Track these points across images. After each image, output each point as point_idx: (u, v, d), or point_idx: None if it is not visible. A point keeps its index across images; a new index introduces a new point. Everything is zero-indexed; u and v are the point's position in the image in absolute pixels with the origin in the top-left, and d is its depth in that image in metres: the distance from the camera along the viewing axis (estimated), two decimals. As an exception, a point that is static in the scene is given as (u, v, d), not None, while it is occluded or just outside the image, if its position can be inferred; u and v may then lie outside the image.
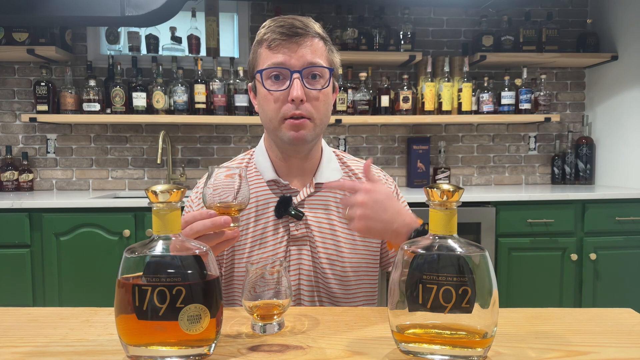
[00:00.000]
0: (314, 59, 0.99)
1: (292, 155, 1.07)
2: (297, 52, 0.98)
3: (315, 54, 1.00)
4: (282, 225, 1.06)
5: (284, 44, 0.98)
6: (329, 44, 1.05)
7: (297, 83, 0.97)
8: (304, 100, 0.98)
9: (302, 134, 1.00)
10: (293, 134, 1.00)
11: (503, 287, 2.48)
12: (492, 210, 2.46)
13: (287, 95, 0.98)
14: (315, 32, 1.01)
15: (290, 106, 0.99)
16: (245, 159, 1.16)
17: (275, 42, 0.98)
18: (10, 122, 2.89)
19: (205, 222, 0.81)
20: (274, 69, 0.99)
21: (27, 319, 0.85)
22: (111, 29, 2.84)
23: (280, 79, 1.00)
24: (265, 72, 1.00)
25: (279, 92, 0.99)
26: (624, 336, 0.77)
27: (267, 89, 1.00)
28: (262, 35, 1.02)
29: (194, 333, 0.64)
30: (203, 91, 2.73)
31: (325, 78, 1.02)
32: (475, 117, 2.87)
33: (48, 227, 2.29)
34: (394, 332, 0.69)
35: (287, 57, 0.98)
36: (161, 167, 2.97)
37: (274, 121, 1.01)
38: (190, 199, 1.13)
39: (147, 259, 0.66)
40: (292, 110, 0.99)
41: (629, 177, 2.82)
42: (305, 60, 0.98)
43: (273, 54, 0.99)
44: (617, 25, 2.92)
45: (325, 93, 1.03)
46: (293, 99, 0.97)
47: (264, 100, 1.02)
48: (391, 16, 2.99)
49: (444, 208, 0.67)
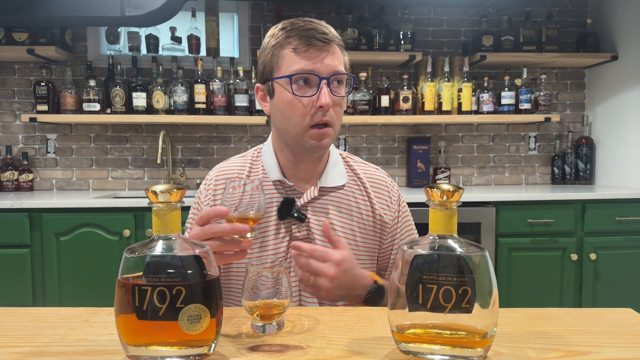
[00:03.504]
0: (339, 67, 1.00)
1: (303, 160, 1.07)
2: (324, 58, 0.98)
3: (340, 62, 1.01)
4: (284, 226, 1.06)
5: (312, 49, 0.97)
6: (343, 50, 1.06)
7: (326, 90, 0.97)
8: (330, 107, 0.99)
9: (324, 142, 1.01)
10: (316, 143, 1.01)
11: (503, 287, 2.48)
12: (492, 210, 2.46)
13: (314, 101, 0.98)
14: (338, 40, 1.02)
15: (318, 112, 0.98)
16: (253, 155, 1.15)
17: (304, 47, 0.97)
18: (10, 122, 2.89)
19: (225, 225, 0.83)
20: (303, 75, 0.98)
21: (27, 319, 0.85)
22: (111, 29, 2.84)
23: (306, 84, 0.99)
24: (294, 77, 0.98)
25: (307, 98, 0.98)
26: (624, 336, 0.77)
27: (294, 94, 0.98)
28: (283, 38, 0.99)
29: (194, 333, 0.64)
30: (203, 91, 2.73)
31: (345, 85, 1.03)
32: (475, 117, 2.87)
33: (48, 227, 2.29)
34: (394, 332, 0.69)
35: (316, 64, 0.97)
36: (161, 167, 2.97)
37: (298, 127, 1.00)
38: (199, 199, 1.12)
39: (147, 259, 0.66)
40: (320, 117, 0.98)
41: (629, 177, 2.82)
42: (332, 68, 0.99)
43: (301, 59, 0.97)
44: (617, 25, 2.92)
45: (345, 99, 1.04)
46: (321, 105, 0.97)
47: (288, 105, 1.00)
48: (391, 16, 2.99)
49: (444, 208, 0.67)
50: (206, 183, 1.13)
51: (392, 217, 1.13)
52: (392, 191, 1.15)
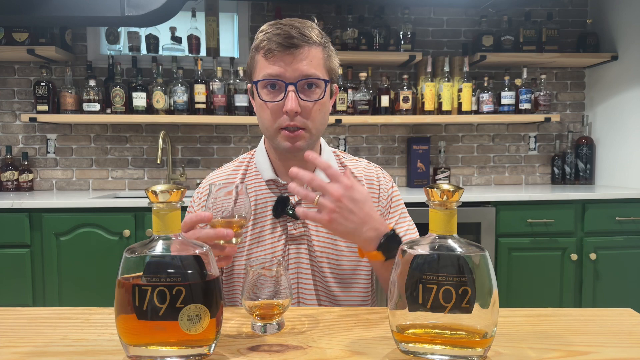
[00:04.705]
0: (310, 70, 0.98)
1: (289, 158, 1.07)
2: (292, 63, 0.97)
3: (312, 65, 0.98)
4: (280, 224, 1.07)
5: (279, 55, 0.97)
6: (327, 49, 1.03)
7: (291, 95, 0.97)
8: (298, 112, 0.98)
9: (298, 145, 1.00)
10: (289, 145, 1.00)
11: (503, 287, 2.48)
12: (492, 210, 2.46)
13: (282, 106, 0.98)
14: (313, 41, 0.99)
15: (285, 117, 0.98)
16: (247, 159, 1.16)
17: (271, 52, 0.97)
18: (10, 122, 2.89)
19: (208, 231, 0.82)
20: (269, 80, 0.98)
21: (27, 319, 0.85)
22: (111, 29, 2.84)
23: (276, 89, 0.99)
24: (260, 82, 0.99)
25: (274, 104, 0.99)
26: (624, 336, 0.77)
27: (262, 100, 1.00)
28: (259, 41, 1.00)
29: (194, 333, 0.64)
30: (203, 91, 2.73)
31: (322, 88, 1.01)
32: (475, 117, 2.87)
33: (48, 227, 2.29)
34: (394, 332, 0.69)
35: (282, 69, 0.97)
36: (161, 167, 2.97)
37: (270, 130, 1.02)
38: (192, 205, 1.13)
39: (147, 259, 0.66)
40: (287, 122, 0.98)
41: (629, 177, 2.82)
42: (300, 72, 0.97)
43: (269, 65, 0.98)
44: (617, 25, 2.92)
45: (321, 103, 1.01)
46: (287, 111, 0.97)
47: (260, 108, 1.03)
48: (391, 16, 2.99)
49: (444, 208, 0.67)
50: (198, 191, 1.14)
51: (381, 212, 1.12)
52: (381, 186, 1.14)
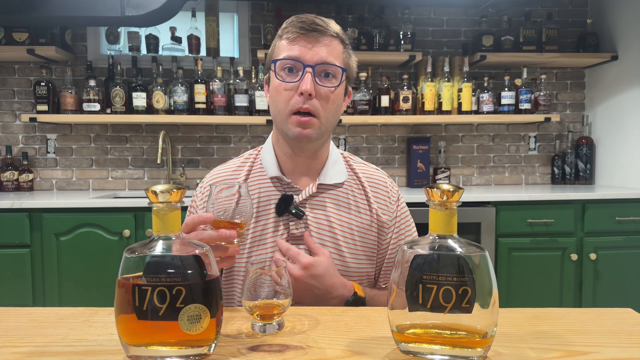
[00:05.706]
0: (329, 58, 1.00)
1: (298, 153, 1.07)
2: (313, 47, 1.00)
3: (331, 54, 1.01)
4: (282, 223, 1.06)
5: (301, 37, 1.00)
6: (347, 48, 1.06)
7: (308, 77, 0.98)
8: (312, 95, 0.99)
9: (308, 132, 1.01)
10: (299, 130, 1.00)
11: (503, 287, 2.48)
12: (492, 210, 2.46)
13: (298, 87, 0.99)
14: (335, 33, 1.03)
15: (298, 99, 0.99)
16: (253, 155, 1.16)
17: (294, 34, 1.00)
18: (10, 122, 2.89)
19: (211, 233, 0.83)
20: (288, 61, 1.00)
21: (27, 319, 0.85)
22: (111, 29, 2.84)
23: (294, 72, 1.01)
24: (279, 62, 1.01)
25: (290, 84, 1.00)
26: (624, 336, 0.77)
27: (278, 79, 1.01)
28: (282, 28, 1.04)
29: (194, 333, 0.64)
30: (203, 91, 2.73)
31: (338, 78, 1.03)
32: (475, 117, 2.87)
33: (48, 227, 2.29)
34: (394, 332, 0.69)
35: (302, 51, 0.99)
36: (161, 167, 2.97)
37: (282, 113, 1.02)
38: (194, 203, 1.12)
39: (147, 259, 0.66)
40: (300, 104, 0.99)
41: (629, 177, 2.82)
42: (319, 57, 0.99)
43: (290, 47, 1.00)
44: (617, 25, 2.92)
45: (336, 93, 1.03)
46: (302, 92, 0.98)
47: (275, 90, 1.03)
48: (391, 16, 2.99)
49: (444, 208, 0.67)
50: (201, 186, 1.13)
51: (390, 217, 1.13)
52: (391, 191, 1.15)
